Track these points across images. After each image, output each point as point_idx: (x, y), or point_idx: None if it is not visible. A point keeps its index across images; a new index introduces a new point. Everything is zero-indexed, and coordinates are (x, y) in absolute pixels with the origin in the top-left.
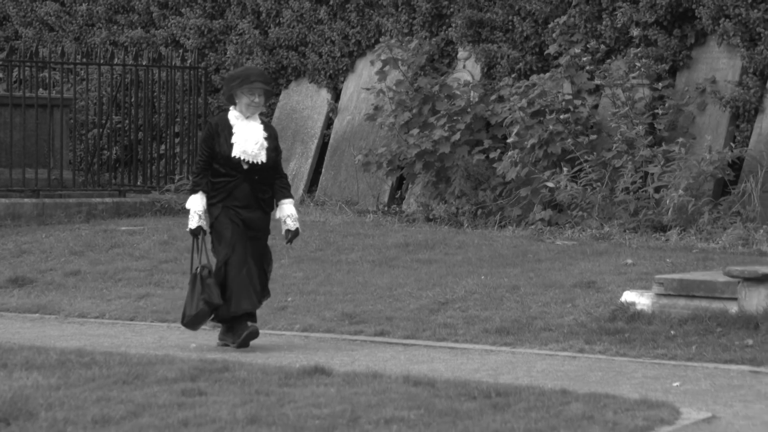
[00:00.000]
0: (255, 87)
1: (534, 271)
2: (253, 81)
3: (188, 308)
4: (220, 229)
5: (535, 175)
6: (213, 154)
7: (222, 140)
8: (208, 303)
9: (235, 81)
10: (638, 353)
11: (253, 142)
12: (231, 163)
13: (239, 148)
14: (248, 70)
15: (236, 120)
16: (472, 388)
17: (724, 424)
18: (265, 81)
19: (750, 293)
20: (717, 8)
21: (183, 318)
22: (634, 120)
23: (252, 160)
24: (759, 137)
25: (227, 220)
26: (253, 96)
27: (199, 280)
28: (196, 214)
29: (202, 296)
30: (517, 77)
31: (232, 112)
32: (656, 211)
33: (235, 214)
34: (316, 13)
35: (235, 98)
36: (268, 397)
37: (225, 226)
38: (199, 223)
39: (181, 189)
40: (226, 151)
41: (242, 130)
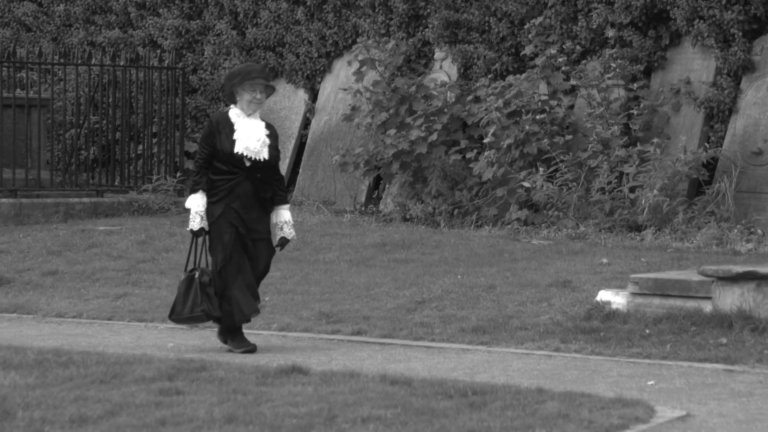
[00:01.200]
0: (257, 83)
1: (510, 270)
2: (254, 77)
3: (179, 306)
4: (219, 232)
5: (511, 175)
6: (214, 152)
7: (223, 137)
8: (207, 314)
9: (236, 78)
10: (613, 352)
11: (255, 139)
12: (233, 160)
13: (242, 144)
14: (249, 66)
15: (237, 117)
16: (448, 387)
17: (698, 422)
18: (266, 77)
19: (724, 292)
20: (691, 9)
21: (171, 313)
22: (609, 120)
23: (254, 156)
24: (733, 138)
25: (227, 222)
26: (254, 92)
27: (198, 287)
28: (198, 214)
29: (202, 307)
30: (494, 78)
31: (233, 110)
32: (631, 211)
33: (236, 216)
34: (293, 14)
35: (236, 95)
36: (245, 396)
37: (224, 229)
38: (202, 224)
39: (159, 189)
40: (227, 148)
41: (244, 127)
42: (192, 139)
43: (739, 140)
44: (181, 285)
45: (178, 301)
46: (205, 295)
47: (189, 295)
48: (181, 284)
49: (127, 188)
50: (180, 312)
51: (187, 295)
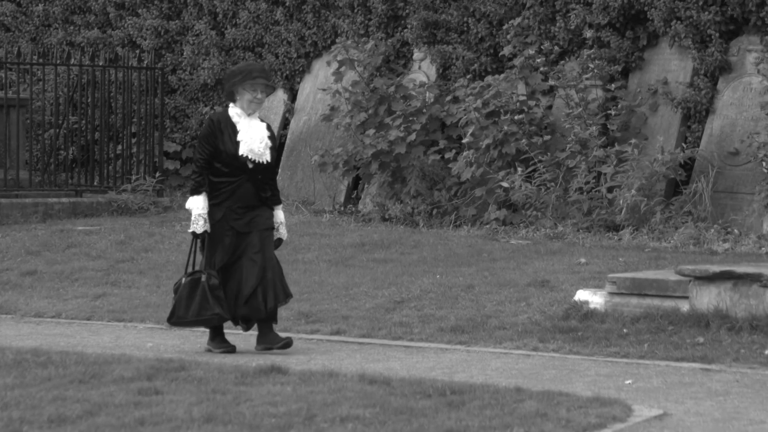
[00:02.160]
0: (257, 83)
1: (489, 270)
2: (255, 77)
3: (180, 309)
4: (220, 235)
5: (489, 175)
6: (215, 152)
7: (226, 138)
8: (220, 317)
9: (236, 77)
10: (591, 351)
11: (259, 140)
12: (237, 162)
13: (246, 146)
14: (250, 65)
15: (238, 117)
16: (427, 387)
17: (675, 421)
18: (267, 77)
19: (701, 292)
20: (669, 10)
21: (171, 316)
22: (587, 121)
23: (258, 159)
24: (710, 138)
25: (228, 225)
26: (255, 92)
27: (207, 290)
28: (201, 217)
29: (214, 310)
30: (472, 78)
31: (232, 109)
32: (609, 211)
33: (237, 217)
34: (272, 15)
35: (236, 95)
36: (224, 396)
37: (225, 232)
38: (205, 226)
39: (138, 189)
40: (231, 149)
41: (247, 128)
42: (171, 139)
43: (716, 140)
44: (182, 288)
45: (179, 305)
46: (215, 298)
47: (194, 298)
48: (183, 287)
49: (106, 188)
50: (183, 315)
51: (191, 298)
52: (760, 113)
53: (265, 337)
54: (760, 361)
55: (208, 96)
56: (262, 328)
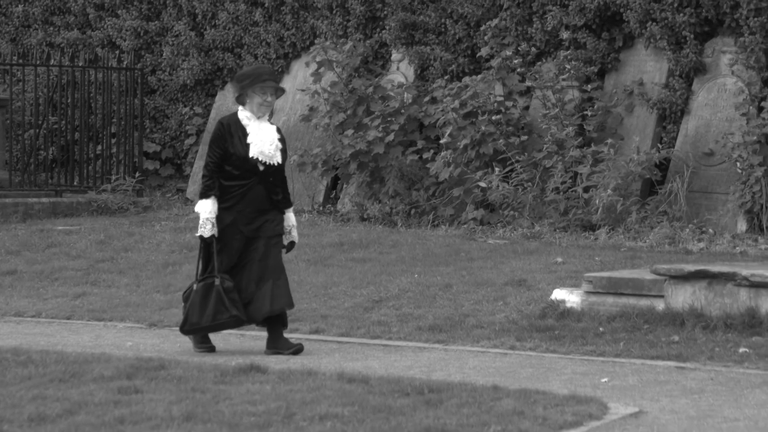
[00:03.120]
0: (267, 86)
1: (466, 269)
2: (265, 80)
3: (194, 316)
4: (229, 239)
5: (467, 175)
6: (225, 155)
7: (236, 141)
8: (237, 320)
9: (245, 80)
10: (568, 350)
11: (269, 143)
12: (248, 164)
13: (257, 148)
14: (259, 69)
15: (248, 120)
16: (405, 385)
17: (650, 419)
18: (276, 80)
19: (676, 291)
20: (644, 12)
21: (184, 324)
22: (564, 121)
23: (269, 161)
24: (685, 138)
25: (236, 229)
26: (265, 95)
27: (222, 293)
28: (209, 221)
29: (231, 312)
30: (450, 79)
31: (242, 112)
32: (585, 211)
33: (247, 222)
34: (251, 15)
35: (246, 98)
36: (203, 395)
37: (234, 236)
38: (213, 231)
39: (118, 189)
40: (242, 152)
41: (257, 130)
42: (151, 139)
43: (691, 141)
44: (194, 294)
45: (192, 312)
46: (231, 300)
47: (207, 303)
48: (195, 293)
49: (86, 188)
50: (197, 322)
51: (204, 303)
52: (734, 114)
53: (275, 341)
54: (734, 359)
55: (188, 96)
56: (272, 332)
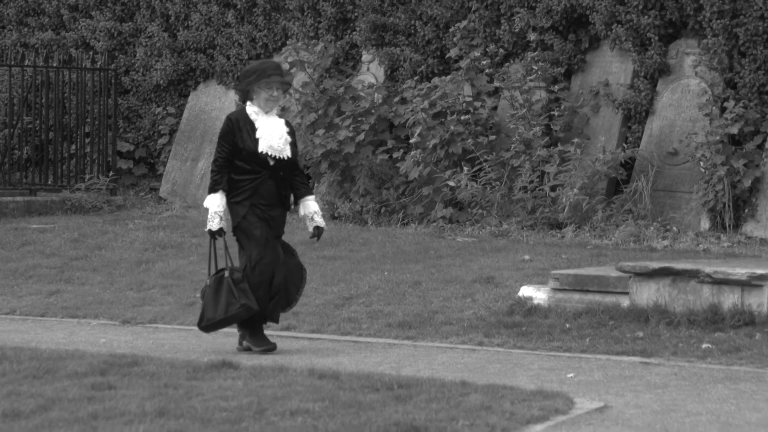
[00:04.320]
0: (272, 81)
1: (435, 267)
2: (270, 75)
3: (210, 311)
4: (249, 229)
5: (436, 174)
6: (234, 150)
7: (245, 136)
8: (248, 308)
9: (251, 76)
10: (535, 346)
11: (278, 137)
12: (258, 159)
13: (265, 143)
14: (264, 64)
15: (256, 115)
16: (375, 381)
17: (615, 413)
18: (281, 74)
19: (641, 288)
20: (610, 14)
21: (201, 321)
22: (531, 121)
23: (278, 155)
24: (650, 138)
25: (255, 218)
26: (271, 90)
27: (232, 285)
28: (217, 215)
29: (241, 302)
30: (420, 80)
31: (250, 107)
32: (552, 209)
33: (262, 213)
34: (224, 17)
35: (252, 93)
36: (176, 391)
37: (254, 225)
38: (221, 224)
39: (92, 188)
40: (251, 146)
41: (265, 125)
42: (124, 138)
43: (655, 141)
44: (207, 290)
45: (207, 307)
46: (240, 291)
47: (220, 296)
48: (208, 289)
49: (60, 187)
50: (212, 317)
51: (217, 297)
52: (697, 114)
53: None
54: (697, 354)
55: (161, 96)
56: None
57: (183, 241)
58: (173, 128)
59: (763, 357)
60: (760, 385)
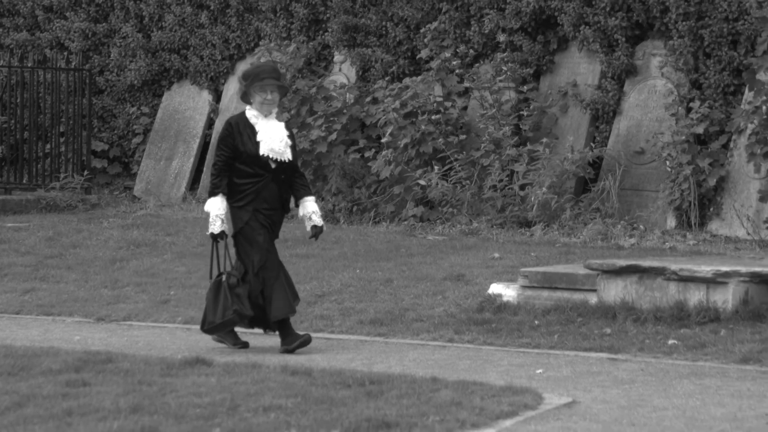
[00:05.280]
0: (266, 84)
1: (406, 264)
2: (263, 78)
3: (210, 315)
4: (252, 234)
5: (407, 173)
6: (236, 154)
7: (246, 139)
8: (240, 314)
9: (246, 80)
10: (504, 342)
11: (278, 140)
12: (259, 162)
13: (266, 146)
14: (259, 67)
15: (256, 119)
16: (347, 377)
17: (583, 408)
18: (276, 77)
19: (608, 285)
20: (578, 16)
21: (203, 324)
22: (501, 121)
23: (279, 158)
24: (617, 138)
25: (258, 224)
26: (265, 93)
27: (227, 289)
28: (219, 218)
29: (234, 307)
30: (391, 80)
31: (249, 111)
32: (521, 208)
33: (265, 218)
34: (197, 18)
35: (250, 97)
36: (150, 387)
37: (257, 231)
38: (222, 227)
39: (66, 187)
40: (252, 150)
41: (266, 128)
42: (99, 138)
43: (622, 140)
44: (209, 293)
45: (208, 310)
46: (235, 296)
47: (218, 300)
48: (210, 292)
49: (35, 186)
50: (213, 320)
51: (216, 301)
52: (664, 114)
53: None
54: (663, 350)
55: (135, 96)
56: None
57: (157, 240)
58: (147, 128)
59: (728, 353)
60: (725, 380)
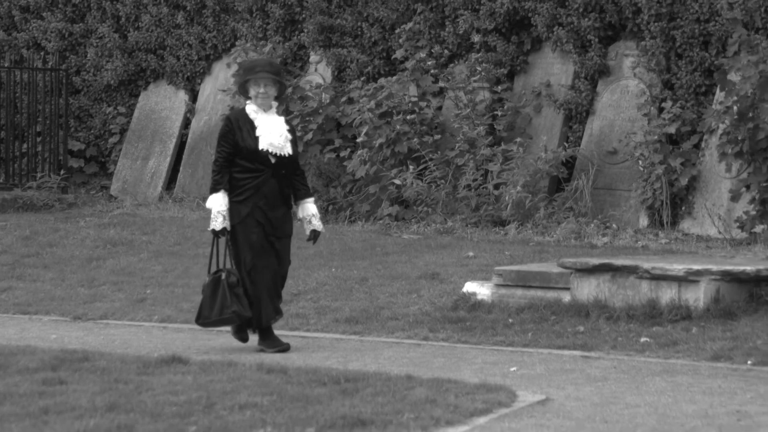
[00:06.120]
0: (260, 77)
1: (382, 263)
2: (257, 72)
3: (206, 310)
4: (247, 232)
5: (383, 173)
6: (236, 149)
7: (245, 134)
8: (239, 315)
9: (242, 74)
10: (478, 340)
11: (278, 134)
12: (259, 157)
13: (266, 140)
14: (254, 61)
15: (255, 114)
16: (322, 375)
17: (556, 406)
18: (271, 71)
19: (581, 283)
20: (551, 17)
21: (198, 318)
22: (475, 121)
23: (279, 152)
24: (590, 137)
25: (254, 221)
26: (258, 87)
27: (227, 288)
28: (221, 214)
29: (233, 308)
30: (366, 80)
31: (249, 106)
32: (496, 207)
33: (263, 215)
34: (173, 18)
35: (247, 92)
36: (126, 386)
37: (252, 229)
38: (224, 224)
39: (43, 186)
40: (251, 144)
41: (265, 123)
42: (75, 138)
43: (595, 140)
44: (206, 288)
45: (204, 305)
46: (234, 296)
47: (216, 297)
48: (206, 287)
49: (11, 185)
50: (207, 316)
51: (213, 297)
52: (636, 114)
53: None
54: (636, 348)
55: (112, 96)
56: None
57: (133, 239)
58: (124, 127)
59: (700, 350)
60: (696, 377)
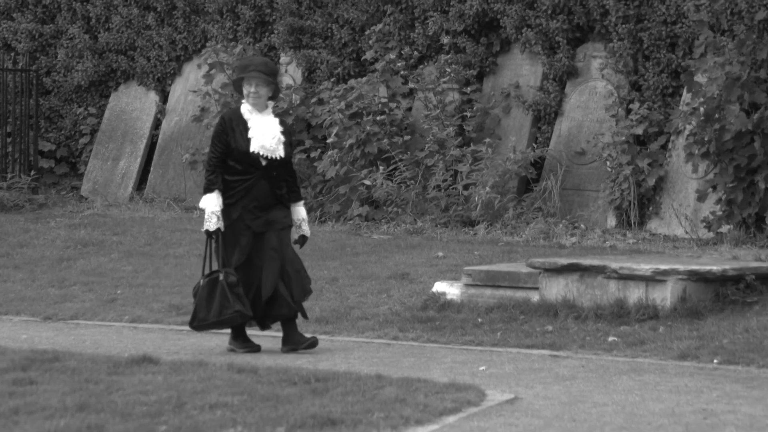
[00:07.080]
0: (251, 77)
1: (352, 263)
2: (250, 71)
3: (201, 312)
4: (236, 234)
5: (353, 173)
6: (228, 150)
7: (237, 135)
8: (242, 314)
9: (236, 74)
10: (448, 340)
11: (271, 136)
12: (249, 159)
13: (257, 143)
14: (246, 60)
15: (250, 114)
16: (292, 374)
17: (525, 405)
18: (264, 71)
19: (550, 283)
20: (520, 18)
21: (193, 321)
22: (444, 122)
23: (270, 155)
24: (558, 138)
25: (243, 224)
26: (250, 86)
27: (226, 288)
28: (214, 215)
29: (235, 308)
30: (336, 81)
31: (244, 106)
32: (465, 207)
33: (254, 217)
34: (144, 19)
35: (240, 91)
36: (96, 386)
37: (242, 232)
38: (218, 224)
39: (13, 186)
40: (243, 146)
41: (258, 124)
42: (46, 138)
43: (564, 141)
44: (201, 290)
45: (199, 307)
46: (235, 295)
47: (213, 298)
48: (202, 289)
49: None
50: (204, 318)
51: (210, 298)
52: (604, 115)
53: (290, 337)
54: (604, 347)
55: (82, 97)
56: (286, 328)
57: (104, 239)
58: (94, 128)
59: (667, 349)
60: (663, 376)
